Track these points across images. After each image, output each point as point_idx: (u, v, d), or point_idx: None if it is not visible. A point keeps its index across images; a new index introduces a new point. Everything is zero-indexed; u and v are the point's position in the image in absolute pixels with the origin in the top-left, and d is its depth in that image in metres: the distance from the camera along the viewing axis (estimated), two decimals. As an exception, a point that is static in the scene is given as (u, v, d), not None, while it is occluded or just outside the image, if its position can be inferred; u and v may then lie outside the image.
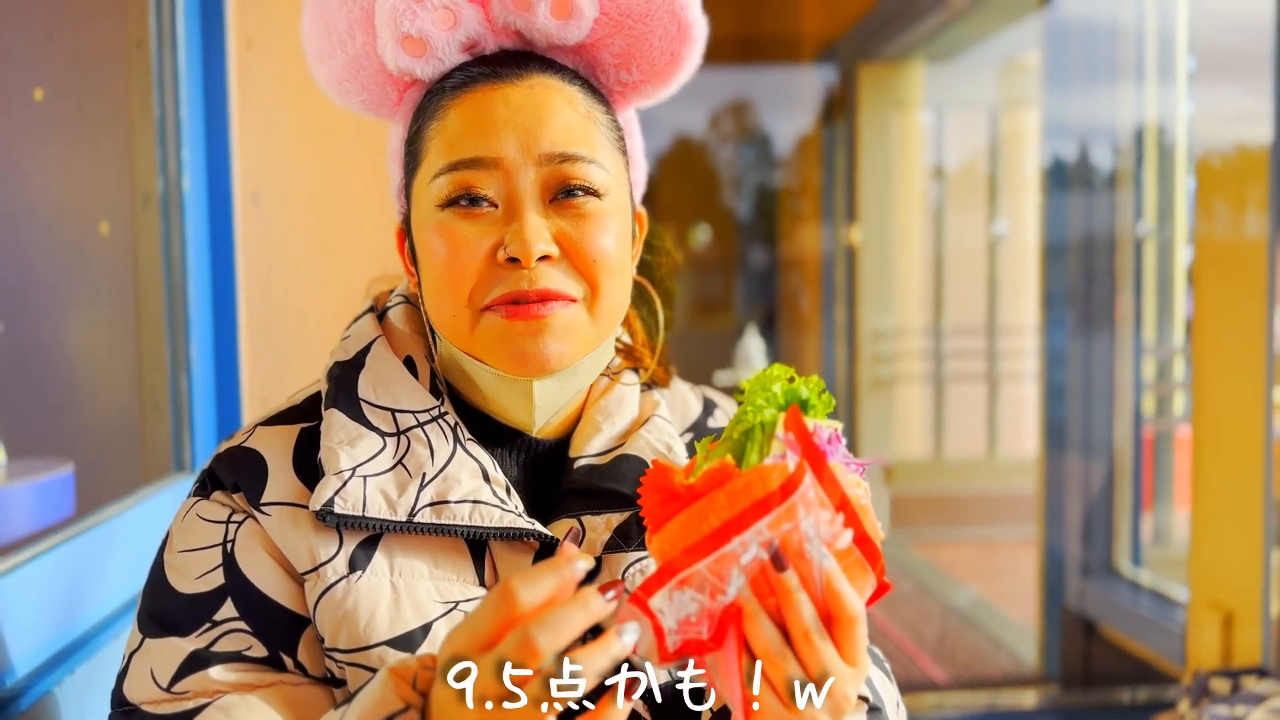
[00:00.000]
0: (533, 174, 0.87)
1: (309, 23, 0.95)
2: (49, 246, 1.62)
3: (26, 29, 1.57)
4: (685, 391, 1.08)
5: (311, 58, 0.97)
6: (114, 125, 1.74)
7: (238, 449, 0.91)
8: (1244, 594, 2.58)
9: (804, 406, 0.74)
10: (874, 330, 6.36)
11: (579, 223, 0.88)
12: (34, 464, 1.51)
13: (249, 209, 1.86)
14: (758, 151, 8.19)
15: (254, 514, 0.88)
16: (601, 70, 0.96)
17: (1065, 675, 3.73)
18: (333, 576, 0.85)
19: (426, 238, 0.89)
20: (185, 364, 1.76)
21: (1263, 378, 2.48)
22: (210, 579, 0.86)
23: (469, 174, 0.87)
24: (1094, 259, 3.73)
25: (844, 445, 0.74)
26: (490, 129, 0.87)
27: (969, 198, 7.00)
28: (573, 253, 0.88)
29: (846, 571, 0.70)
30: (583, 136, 0.89)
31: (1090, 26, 3.74)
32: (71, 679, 1.24)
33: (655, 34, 0.93)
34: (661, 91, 1.00)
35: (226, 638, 0.84)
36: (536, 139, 0.87)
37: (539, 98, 0.88)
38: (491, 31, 0.92)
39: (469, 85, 0.90)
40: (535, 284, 0.85)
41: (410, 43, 0.89)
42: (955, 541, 6.15)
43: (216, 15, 1.79)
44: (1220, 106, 2.91)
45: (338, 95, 0.98)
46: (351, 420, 0.90)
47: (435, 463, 0.89)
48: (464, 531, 0.86)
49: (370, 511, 0.85)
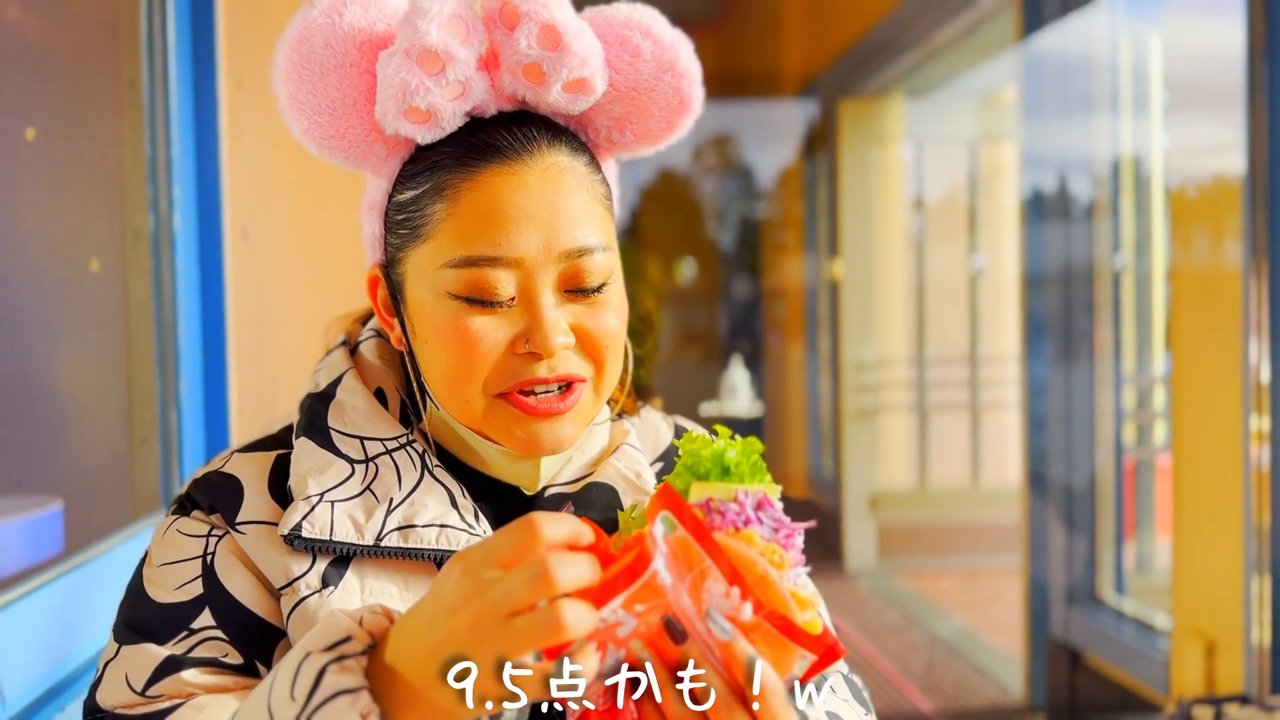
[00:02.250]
0: (552, 270, 0.88)
1: (286, 70, 0.89)
2: (39, 283, 1.62)
3: (19, 68, 1.59)
4: (657, 420, 1.08)
5: (289, 108, 0.91)
6: (105, 164, 1.76)
7: (215, 474, 0.92)
8: (1226, 622, 2.60)
9: (725, 470, 0.74)
10: (857, 361, 6.40)
11: (592, 311, 0.90)
12: (23, 501, 1.51)
13: (239, 246, 1.88)
14: (741, 185, 8.26)
15: (231, 532, 0.89)
16: (594, 129, 0.96)
17: (1051, 704, 3.74)
18: (305, 591, 0.86)
19: (435, 321, 0.89)
20: (175, 400, 1.77)
21: (1240, 406, 2.51)
22: (189, 589, 0.87)
23: (490, 272, 0.86)
24: (1073, 289, 3.78)
25: (777, 509, 0.73)
26: (512, 225, 0.86)
27: (949, 230, 7.07)
28: (586, 341, 0.90)
29: (760, 643, 0.69)
30: (593, 222, 0.89)
31: (1066, 61, 3.81)
32: (61, 716, 1.24)
33: (657, 105, 0.94)
34: (648, 151, 1.01)
35: (203, 645, 0.85)
36: (558, 236, 0.87)
37: (555, 185, 0.88)
38: (495, 98, 0.91)
39: (478, 164, 0.88)
40: (555, 370, 0.88)
41: (416, 114, 0.87)
42: (940, 571, 6.16)
43: (208, 56, 1.81)
44: (1194, 139, 2.97)
45: (317, 148, 0.95)
46: (320, 448, 0.91)
47: (402, 488, 0.90)
48: (431, 555, 0.87)
49: (338, 535, 0.87)
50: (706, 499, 0.73)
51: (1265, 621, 2.44)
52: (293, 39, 0.89)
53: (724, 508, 0.72)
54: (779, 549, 0.71)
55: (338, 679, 0.68)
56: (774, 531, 0.72)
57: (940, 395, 6.88)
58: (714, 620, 0.68)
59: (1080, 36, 3.76)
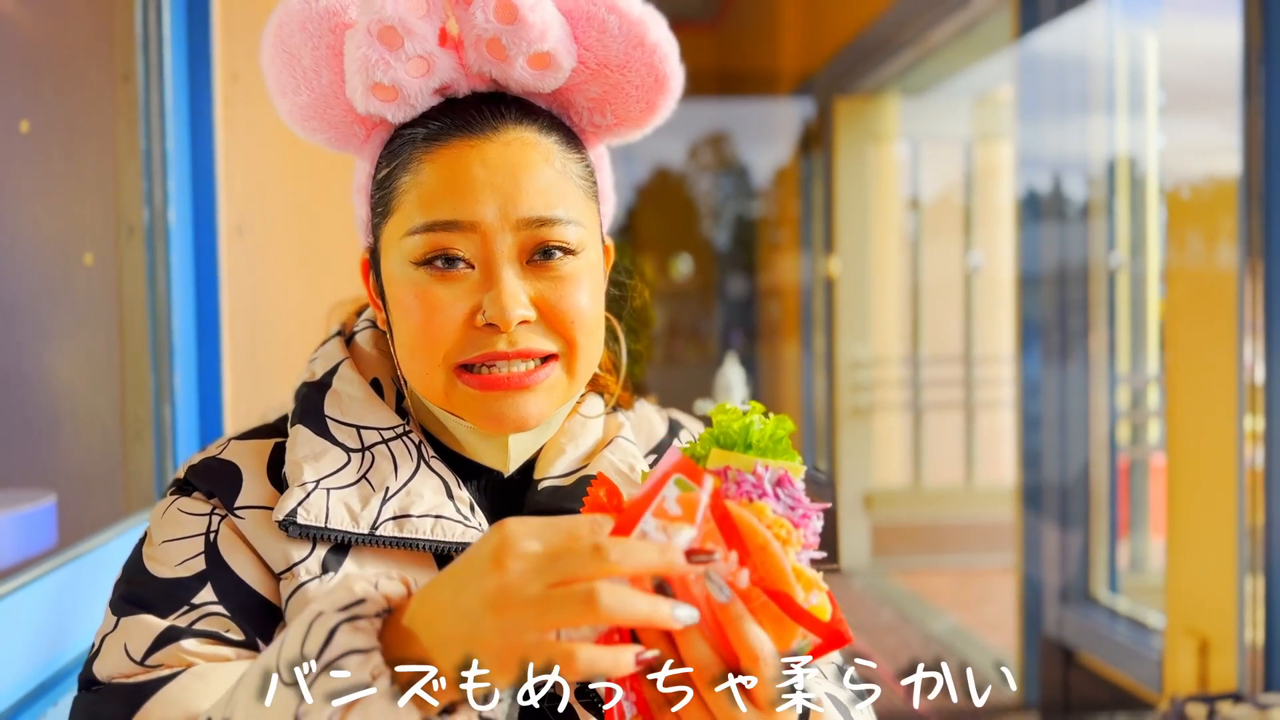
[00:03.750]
0: (510, 238, 0.87)
1: (270, 54, 0.92)
2: (33, 276, 1.62)
3: (13, 61, 1.58)
4: (651, 413, 1.08)
5: (274, 91, 0.95)
6: (100, 157, 1.75)
7: (213, 460, 0.93)
8: (1219, 620, 2.60)
9: (747, 445, 0.72)
10: (852, 359, 6.40)
11: (556, 284, 0.88)
12: (16, 495, 1.50)
13: (234, 240, 1.87)
14: (736, 183, 8.25)
15: (230, 515, 0.89)
16: (575, 112, 0.96)
17: (1045, 703, 3.75)
18: (305, 576, 0.86)
19: (400, 292, 0.89)
20: (169, 394, 1.77)
21: (1235, 406, 2.52)
22: (191, 565, 0.87)
23: (445, 236, 0.87)
24: (1068, 289, 3.78)
25: (798, 488, 0.72)
26: (468, 191, 0.87)
27: (944, 229, 7.08)
28: (550, 315, 0.89)
29: (757, 613, 0.68)
30: (559, 196, 0.89)
31: (1062, 61, 3.81)
32: (55, 710, 1.24)
33: (632, 83, 0.93)
34: (635, 134, 1.00)
35: (205, 620, 0.84)
36: (515, 203, 0.87)
37: (515, 156, 0.88)
38: (465, 76, 0.91)
39: (443, 138, 0.89)
40: (515, 345, 0.87)
41: (382, 90, 0.88)
42: (934, 569, 6.16)
43: (203, 50, 1.81)
44: (1190, 139, 2.97)
45: (301, 130, 0.97)
46: (316, 435, 0.92)
47: (399, 478, 0.90)
48: (426, 545, 0.87)
49: (333, 523, 0.87)
50: (725, 466, 0.72)
51: (1258, 620, 2.44)
52: (274, 24, 0.91)
53: (741, 478, 0.71)
54: (789, 525, 0.70)
55: (350, 638, 0.66)
56: (790, 510, 0.71)
57: (935, 394, 6.88)
58: (712, 581, 0.67)
59: (1076, 36, 3.77)
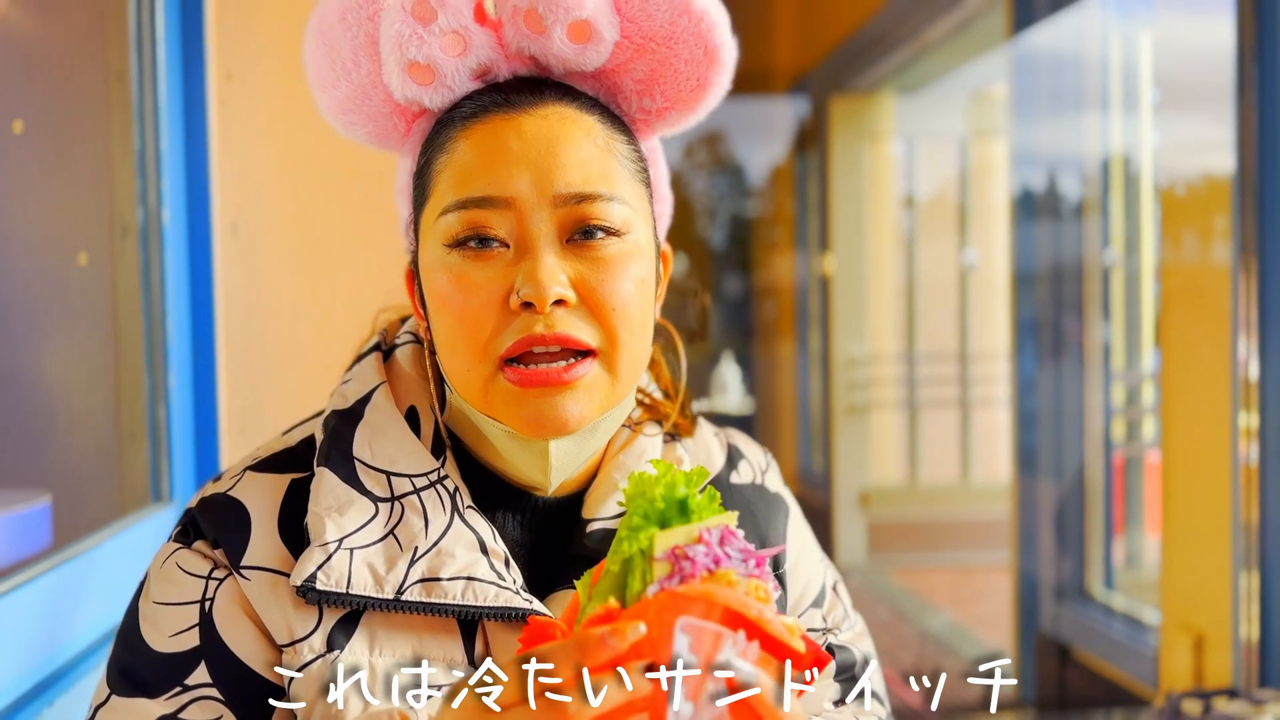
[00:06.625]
0: (547, 214, 0.82)
1: (311, 48, 0.89)
2: (27, 276, 1.62)
3: (6, 60, 1.58)
4: (709, 439, 1.00)
5: (314, 85, 0.91)
6: (93, 157, 1.75)
7: (223, 497, 0.86)
8: (1214, 616, 2.61)
9: (684, 510, 0.68)
10: (848, 357, 6.41)
11: (597, 266, 0.82)
12: (10, 495, 1.50)
13: (228, 240, 1.87)
14: (732, 181, 8.26)
15: (234, 574, 0.83)
16: (623, 97, 0.91)
17: (1041, 699, 3.75)
18: (309, 655, 0.81)
19: (435, 281, 0.84)
20: (164, 394, 1.76)
21: (1229, 403, 2.52)
22: (185, 639, 0.82)
23: (479, 213, 0.82)
24: (1063, 286, 3.78)
25: (740, 538, 0.68)
26: (502, 164, 0.82)
27: (940, 227, 7.09)
28: (590, 299, 0.82)
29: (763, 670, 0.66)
30: (601, 172, 0.83)
31: (1056, 59, 3.81)
32: (49, 711, 1.23)
33: (681, 58, 0.87)
34: (688, 118, 0.94)
35: (197, 705, 0.80)
36: (551, 177, 0.81)
37: (554, 129, 0.83)
38: (504, 57, 0.87)
39: (480, 115, 0.85)
40: (553, 329, 0.80)
41: (417, 70, 0.84)
42: (930, 567, 6.17)
43: (197, 48, 1.80)
44: (1184, 137, 2.98)
45: (342, 126, 0.92)
46: (343, 483, 0.85)
47: (429, 535, 0.83)
48: (455, 611, 0.81)
49: (355, 588, 0.80)
50: (671, 549, 0.66)
51: (1253, 616, 2.45)
52: (315, 18, 0.88)
53: (691, 552, 0.66)
54: (760, 583, 0.66)
55: None
56: (744, 563, 0.67)
57: (930, 391, 6.89)
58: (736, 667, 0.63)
59: (1070, 34, 3.77)
